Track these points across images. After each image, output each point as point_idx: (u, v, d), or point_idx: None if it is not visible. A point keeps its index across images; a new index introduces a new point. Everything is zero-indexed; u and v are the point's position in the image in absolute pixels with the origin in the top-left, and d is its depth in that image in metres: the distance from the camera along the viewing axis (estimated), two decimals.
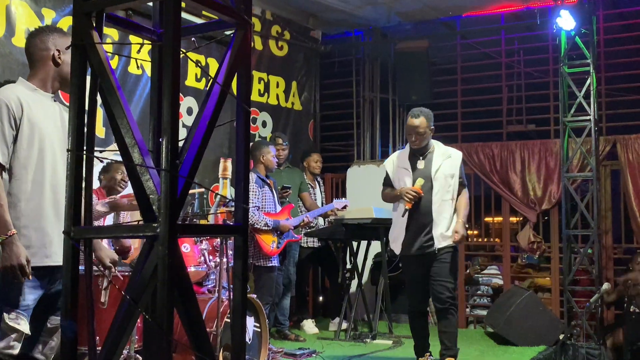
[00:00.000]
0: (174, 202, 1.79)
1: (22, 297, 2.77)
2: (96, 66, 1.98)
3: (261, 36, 7.49)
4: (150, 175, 1.89)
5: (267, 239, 5.74)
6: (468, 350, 5.83)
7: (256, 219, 5.62)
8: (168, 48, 1.80)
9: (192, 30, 2.33)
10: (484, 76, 8.32)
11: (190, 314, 1.97)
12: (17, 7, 5.05)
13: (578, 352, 6.15)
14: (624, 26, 7.56)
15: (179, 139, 1.87)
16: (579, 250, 7.22)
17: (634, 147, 7.38)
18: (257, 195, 5.75)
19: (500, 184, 8.04)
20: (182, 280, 1.92)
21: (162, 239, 1.79)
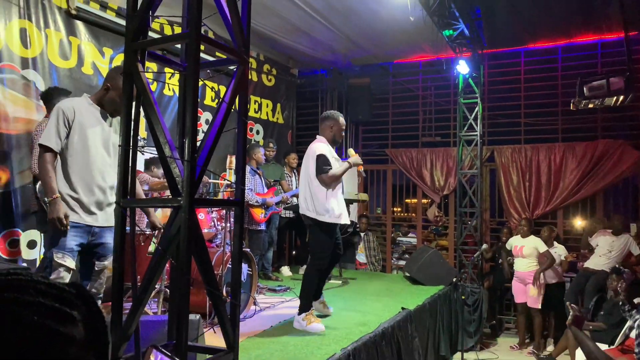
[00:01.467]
0: (193, 183, 1.78)
1: (66, 242, 2.75)
2: (140, 88, 1.95)
3: (256, 71, 7.41)
4: (177, 164, 1.87)
5: (257, 211, 5.72)
6: (392, 288, 5.88)
7: (250, 198, 5.62)
8: (190, 75, 1.77)
9: (208, 64, 2.30)
10: (407, 103, 8.37)
11: (203, 260, 1.96)
12: (85, 45, 4.91)
13: (465, 290, 6.25)
14: (501, 72, 7.66)
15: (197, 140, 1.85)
16: (467, 222, 7.35)
17: (505, 154, 7.53)
18: (250, 181, 5.74)
19: (416, 177, 8.12)
20: (198, 237, 1.91)
21: (185, 208, 1.77)
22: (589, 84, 5.11)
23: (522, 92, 7.56)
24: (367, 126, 8.76)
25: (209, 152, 1.88)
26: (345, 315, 4.42)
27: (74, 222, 2.77)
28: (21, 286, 0.65)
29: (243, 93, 2.09)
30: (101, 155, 2.87)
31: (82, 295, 0.69)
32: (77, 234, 2.80)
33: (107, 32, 5.07)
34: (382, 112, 8.49)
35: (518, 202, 7.38)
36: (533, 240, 6.26)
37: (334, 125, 4.03)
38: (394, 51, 7.56)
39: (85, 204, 2.84)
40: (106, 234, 2.92)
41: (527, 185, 7.34)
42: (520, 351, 6.26)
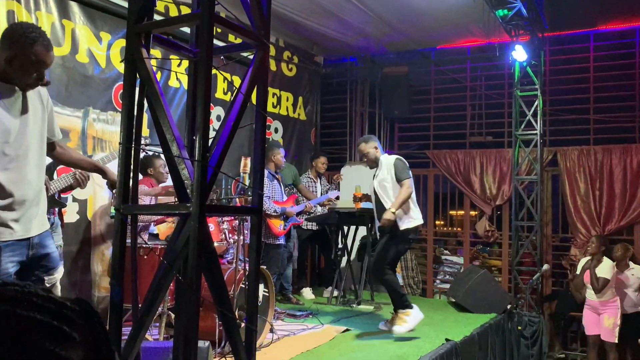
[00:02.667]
0: (204, 186, 1.80)
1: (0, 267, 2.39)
2: (144, 76, 1.98)
3: (275, 59, 7.46)
4: (186, 165, 1.89)
5: (276, 222, 5.75)
6: (434, 315, 5.82)
7: (267, 207, 5.64)
8: (202, 62, 1.80)
9: (221, 50, 2.33)
10: (452, 96, 8.31)
11: (214, 277, 1.98)
12: (80, 29, 5.03)
13: (522, 319, 6.16)
14: (565, 59, 7.55)
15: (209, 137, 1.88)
16: (524, 238, 7.24)
17: (571, 157, 7.40)
18: (268, 187, 5.76)
19: (463, 184, 8.05)
20: (209, 249, 1.93)
21: (194, 216, 1.79)
22: None
23: (592, 83, 7.43)
24: (405, 123, 8.72)
25: (223, 151, 1.90)
26: (379, 346, 4.41)
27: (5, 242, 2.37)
28: (15, 298, 0.65)
29: (262, 83, 2.12)
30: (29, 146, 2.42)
31: (86, 313, 0.69)
32: (13, 252, 2.42)
33: (105, 14, 5.17)
34: (422, 106, 8.44)
35: (586, 215, 7.24)
36: (605, 262, 6.13)
37: None
38: (436, 35, 7.52)
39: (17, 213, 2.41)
40: (47, 242, 2.59)
41: (598, 194, 7.20)
42: None
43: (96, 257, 5.04)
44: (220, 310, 1.98)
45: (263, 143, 2.11)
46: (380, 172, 4.91)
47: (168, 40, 2.46)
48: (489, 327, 5.51)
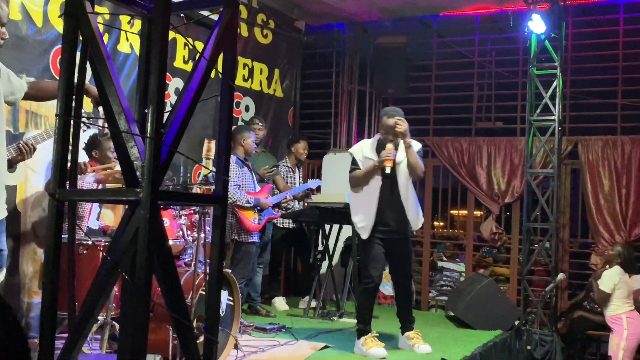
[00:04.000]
0: (157, 168, 1.79)
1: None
2: (87, 35, 1.96)
3: (247, 23, 7.43)
4: (135, 142, 1.88)
5: (249, 215, 5.75)
6: (429, 332, 5.87)
7: (238, 197, 5.64)
8: (158, 20, 1.78)
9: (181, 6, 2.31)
10: (457, 74, 8.37)
11: (169, 278, 1.97)
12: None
13: (532, 338, 6.26)
14: (591, 33, 7.65)
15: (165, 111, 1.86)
16: (537, 242, 7.33)
17: (594, 148, 7.51)
18: (237, 174, 5.76)
19: (467, 177, 8.12)
20: (162, 245, 1.92)
21: (144, 204, 1.78)
22: None
23: (620, 62, 7.54)
24: (401, 104, 8.71)
25: (181, 128, 1.89)
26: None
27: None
28: None
29: (230, 48, 2.10)
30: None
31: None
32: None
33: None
34: (422, 85, 8.49)
35: (610, 217, 7.36)
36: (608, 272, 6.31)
37: (381, 126, 5.02)
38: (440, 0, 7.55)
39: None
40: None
41: (624, 192, 7.33)
42: None
43: (26, 256, 4.99)
44: (175, 318, 1.98)
45: (230, 120, 2.10)
46: (401, 154, 4.83)
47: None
48: (494, 347, 5.60)
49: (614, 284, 6.24)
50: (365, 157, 4.88)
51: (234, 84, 2.12)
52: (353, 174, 4.91)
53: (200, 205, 4.22)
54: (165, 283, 1.97)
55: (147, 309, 1.82)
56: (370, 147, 4.97)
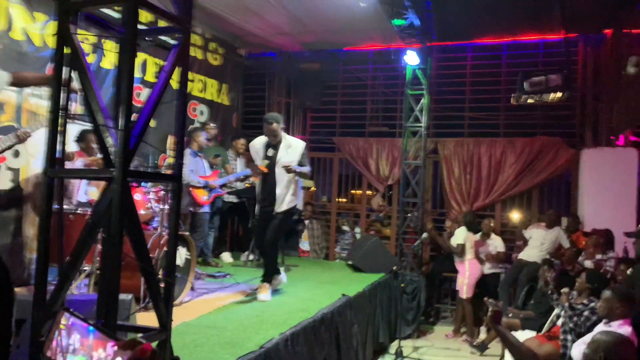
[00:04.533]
0: (127, 153, 1.73)
1: None
2: (72, 51, 1.86)
3: (202, 49, 7.23)
4: (110, 134, 1.80)
5: (200, 193, 5.65)
6: (334, 275, 5.97)
7: (191, 179, 5.56)
8: (127, 40, 1.71)
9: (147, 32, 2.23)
10: (356, 92, 8.45)
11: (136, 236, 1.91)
12: (14, 8, 4.61)
13: (405, 278, 6.43)
14: (448, 66, 7.87)
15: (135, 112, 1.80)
16: (410, 212, 7.54)
17: (449, 147, 7.77)
18: (191, 162, 5.66)
19: (362, 166, 8.25)
20: (131, 211, 1.86)
21: (117, 180, 1.72)
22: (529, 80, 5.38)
23: (468, 87, 7.82)
24: (316, 113, 8.79)
25: (146, 122, 1.82)
26: (286, 301, 4.46)
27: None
28: None
29: (183, 64, 2.05)
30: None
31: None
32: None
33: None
34: (331, 99, 8.53)
35: (459, 194, 7.66)
36: (458, 231, 6.59)
37: (263, 127, 4.73)
38: (345, 38, 7.59)
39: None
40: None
41: (468, 177, 7.62)
42: (454, 339, 6.54)
43: (28, 222, 4.70)
44: (142, 265, 1.92)
45: (183, 119, 2.06)
46: (284, 152, 4.58)
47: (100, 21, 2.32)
48: (378, 285, 5.73)
49: (463, 239, 6.51)
50: (256, 151, 4.77)
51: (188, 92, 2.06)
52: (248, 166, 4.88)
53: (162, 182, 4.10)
54: (133, 240, 1.91)
55: (119, 257, 1.76)
56: (262, 144, 4.73)
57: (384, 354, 5.73)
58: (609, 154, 6.74)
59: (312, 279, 5.63)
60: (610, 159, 6.70)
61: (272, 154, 4.63)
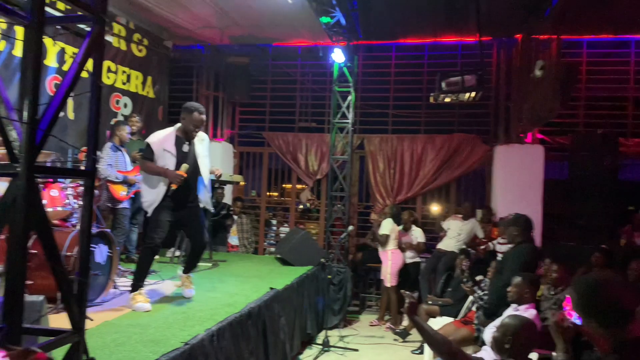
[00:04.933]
0: (33, 148, 1.60)
1: None
2: None
3: (125, 40, 6.90)
4: (14, 127, 1.67)
5: (118, 188, 5.40)
6: (262, 269, 5.91)
7: (109, 173, 5.32)
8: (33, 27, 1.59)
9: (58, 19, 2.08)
10: (285, 87, 8.43)
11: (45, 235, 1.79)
12: None
13: (332, 270, 6.53)
14: (374, 64, 8.05)
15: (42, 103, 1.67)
16: (337, 205, 7.66)
17: (374, 143, 7.97)
18: (111, 157, 5.40)
19: (291, 160, 8.26)
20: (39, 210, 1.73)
21: (21, 176, 1.59)
22: (447, 80, 5.62)
23: (392, 85, 8.04)
24: (245, 107, 8.67)
25: (55, 115, 1.70)
26: (212, 297, 4.38)
27: None
28: None
29: (98, 54, 1.94)
30: None
31: None
32: None
33: None
34: (260, 94, 8.46)
35: (383, 188, 7.88)
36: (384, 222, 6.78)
37: (185, 118, 4.05)
38: (273, 34, 7.53)
39: None
40: None
41: (392, 172, 7.86)
42: (379, 326, 6.73)
43: None
44: (52, 265, 1.80)
45: (97, 112, 1.94)
46: (200, 146, 4.17)
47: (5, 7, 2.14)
48: (306, 277, 5.76)
49: (389, 230, 6.68)
50: (165, 150, 3.98)
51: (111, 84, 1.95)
52: (149, 165, 3.95)
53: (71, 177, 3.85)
54: (42, 238, 1.78)
55: (24, 257, 1.64)
56: (171, 141, 4.01)
57: (312, 345, 5.78)
58: (518, 150, 7.19)
59: (240, 273, 5.56)
60: (519, 155, 7.15)
61: (187, 150, 4.09)
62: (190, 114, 4.02)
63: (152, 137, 4.03)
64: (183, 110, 4.06)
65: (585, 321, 1.94)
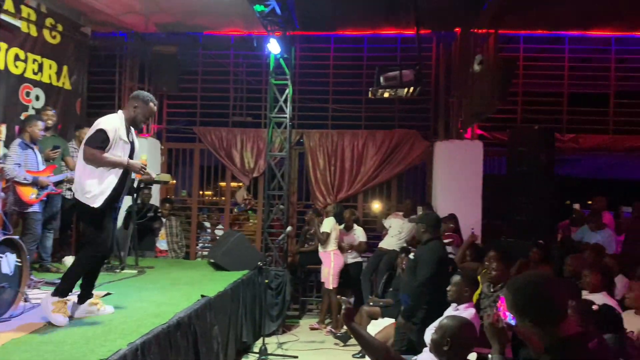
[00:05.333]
0: None
1: None
2: None
3: (36, 25, 6.50)
4: None
5: (27, 190, 5.12)
6: (193, 275, 5.80)
7: (16, 174, 5.02)
8: None
9: None
10: (218, 79, 8.30)
11: None
12: None
13: (269, 273, 6.50)
14: (312, 56, 8.08)
15: None
16: (275, 204, 7.62)
17: (314, 138, 8.02)
18: (20, 155, 5.10)
19: (225, 158, 8.15)
20: None
21: None
22: (385, 74, 5.74)
23: (331, 78, 8.12)
24: (174, 100, 8.45)
25: None
26: (138, 307, 4.24)
27: None
28: None
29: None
30: None
31: None
32: None
33: None
34: (190, 85, 8.28)
35: (324, 186, 7.95)
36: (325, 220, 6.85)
37: (138, 107, 3.90)
38: (204, 21, 7.39)
39: None
40: None
41: (333, 169, 7.94)
42: (320, 330, 6.78)
43: None
44: None
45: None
46: (135, 138, 4.04)
47: None
48: (242, 283, 5.70)
49: (330, 228, 6.74)
50: (121, 138, 3.81)
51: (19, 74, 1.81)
52: (104, 157, 3.72)
53: None
54: None
55: None
56: (123, 129, 3.84)
57: (248, 354, 5.74)
58: (458, 146, 7.48)
59: (169, 280, 5.42)
60: (459, 151, 7.44)
61: (131, 140, 3.95)
62: (146, 104, 3.91)
63: (106, 124, 3.75)
64: (136, 99, 3.93)
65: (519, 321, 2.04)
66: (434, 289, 4.24)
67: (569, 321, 1.98)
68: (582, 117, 7.81)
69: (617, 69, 7.85)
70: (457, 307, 3.97)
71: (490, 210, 7.33)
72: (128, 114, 3.88)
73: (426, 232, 4.48)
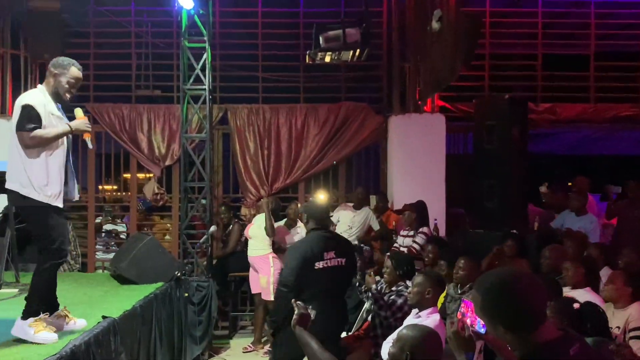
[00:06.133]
0: None
1: None
2: None
3: None
4: None
5: None
6: (92, 292, 5.66)
7: None
8: None
9: None
10: (115, 42, 8.06)
11: None
12: None
13: (190, 285, 6.41)
14: (236, 13, 7.98)
15: None
16: (195, 199, 7.50)
17: (241, 115, 7.95)
18: None
19: (129, 142, 7.96)
20: None
21: None
22: (325, 34, 5.73)
23: (260, 40, 8.06)
24: None
25: None
26: None
27: None
28: None
29: None
30: None
31: None
32: None
33: None
34: (79, 51, 7.94)
35: (256, 175, 7.90)
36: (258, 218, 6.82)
37: (58, 74, 3.89)
38: None
39: None
40: None
41: (267, 153, 7.91)
42: (256, 352, 6.77)
43: None
44: None
45: None
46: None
47: None
48: (154, 298, 5.59)
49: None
50: (52, 113, 3.80)
51: None
52: (43, 133, 3.73)
53: None
54: None
55: None
56: (50, 102, 3.84)
57: None
58: (416, 120, 7.63)
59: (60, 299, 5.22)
60: (418, 127, 7.60)
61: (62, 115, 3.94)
62: (65, 69, 3.85)
63: (31, 99, 3.77)
64: (54, 66, 3.88)
65: (490, 327, 2.09)
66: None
67: (547, 324, 2.04)
68: (559, 84, 8.14)
69: (598, 25, 8.19)
70: (418, 314, 4.05)
71: (454, 197, 7.52)
72: (49, 87, 3.89)
73: (308, 222, 4.63)
